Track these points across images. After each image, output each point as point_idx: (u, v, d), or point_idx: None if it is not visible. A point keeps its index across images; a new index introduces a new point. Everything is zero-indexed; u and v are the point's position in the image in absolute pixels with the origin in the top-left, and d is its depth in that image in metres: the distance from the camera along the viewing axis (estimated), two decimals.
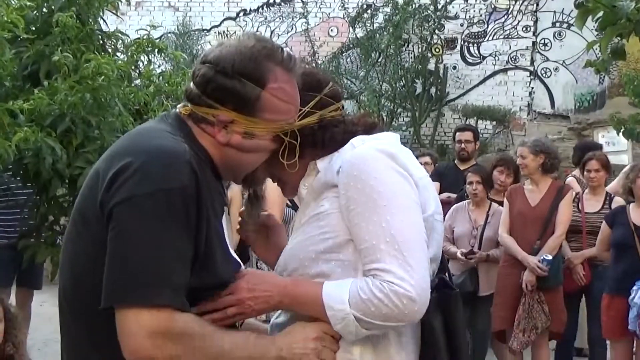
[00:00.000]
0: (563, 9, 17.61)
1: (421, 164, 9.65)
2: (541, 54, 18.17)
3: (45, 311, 10.32)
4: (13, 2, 4.83)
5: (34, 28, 5.09)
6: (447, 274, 2.60)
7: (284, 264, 2.51)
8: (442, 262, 2.58)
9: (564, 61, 17.94)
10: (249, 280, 2.40)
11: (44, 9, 5.15)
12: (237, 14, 19.17)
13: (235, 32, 19.21)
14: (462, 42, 18.62)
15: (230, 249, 2.51)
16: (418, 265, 2.26)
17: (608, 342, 7.79)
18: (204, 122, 2.37)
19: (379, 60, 17.84)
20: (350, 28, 18.11)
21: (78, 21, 5.01)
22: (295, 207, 7.06)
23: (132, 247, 2.15)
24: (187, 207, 2.19)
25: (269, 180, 2.65)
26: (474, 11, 18.34)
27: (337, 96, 2.59)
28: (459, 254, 7.82)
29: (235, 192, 6.39)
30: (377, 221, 2.29)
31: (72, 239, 2.37)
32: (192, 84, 2.39)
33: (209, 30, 19.26)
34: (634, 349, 7.52)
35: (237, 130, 2.36)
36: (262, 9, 19.13)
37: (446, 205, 8.29)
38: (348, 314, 2.27)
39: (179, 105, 2.45)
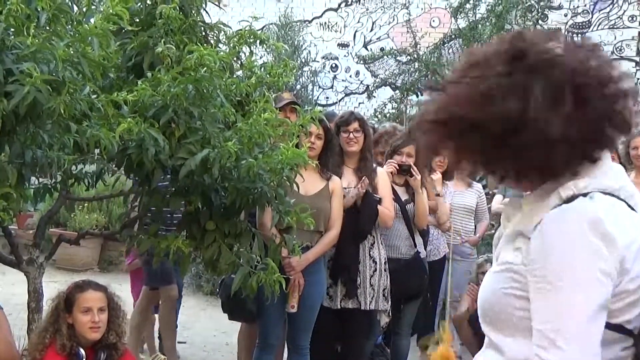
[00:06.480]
0: None
1: None
2: None
3: None
4: None
5: (137, 20, 5.14)
6: None
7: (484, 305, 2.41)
8: None
9: None
10: None
11: (148, 1, 5.20)
12: (339, 5, 19.16)
13: (336, 23, 19.26)
14: (566, 33, 18.33)
15: None
16: (579, 356, 2.09)
17: None
18: None
19: None
20: (453, 19, 17.97)
21: (181, 13, 5.04)
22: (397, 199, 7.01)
23: None
24: None
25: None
26: (578, 1, 18.04)
27: None
28: None
29: (336, 183, 6.39)
30: (546, 304, 2.13)
31: None
32: None
33: (310, 22, 19.30)
34: None
35: None
36: None
37: None
38: None
39: None
